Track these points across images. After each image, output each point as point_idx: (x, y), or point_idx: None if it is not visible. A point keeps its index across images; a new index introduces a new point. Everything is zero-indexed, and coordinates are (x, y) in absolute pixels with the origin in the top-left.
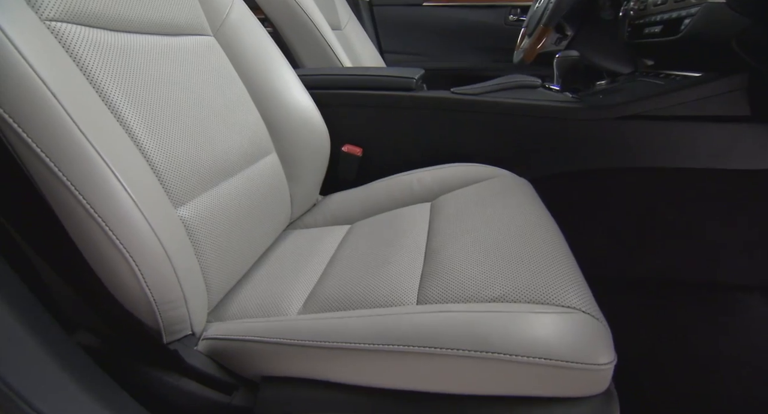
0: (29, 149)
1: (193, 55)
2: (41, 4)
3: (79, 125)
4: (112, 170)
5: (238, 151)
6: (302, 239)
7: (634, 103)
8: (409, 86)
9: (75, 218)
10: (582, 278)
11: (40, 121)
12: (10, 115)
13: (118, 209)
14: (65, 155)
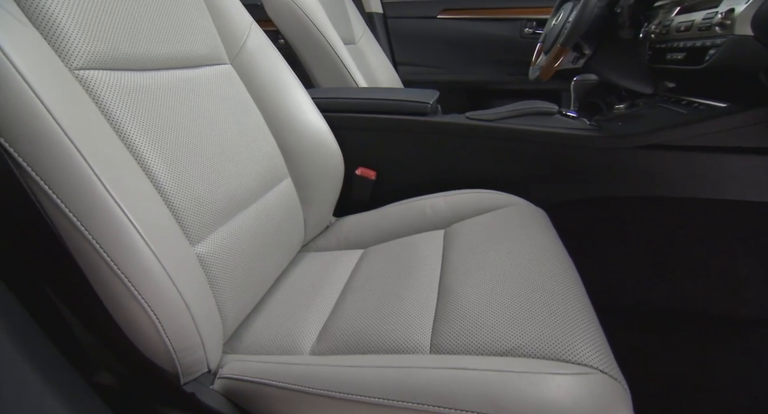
0: (55, 206)
1: (212, 85)
2: (71, 54)
3: (104, 181)
4: (136, 227)
5: (254, 181)
6: (315, 264)
7: (655, 133)
8: (423, 111)
9: (98, 272)
10: (600, 330)
11: (66, 178)
12: (36, 171)
13: (140, 265)
14: (90, 212)
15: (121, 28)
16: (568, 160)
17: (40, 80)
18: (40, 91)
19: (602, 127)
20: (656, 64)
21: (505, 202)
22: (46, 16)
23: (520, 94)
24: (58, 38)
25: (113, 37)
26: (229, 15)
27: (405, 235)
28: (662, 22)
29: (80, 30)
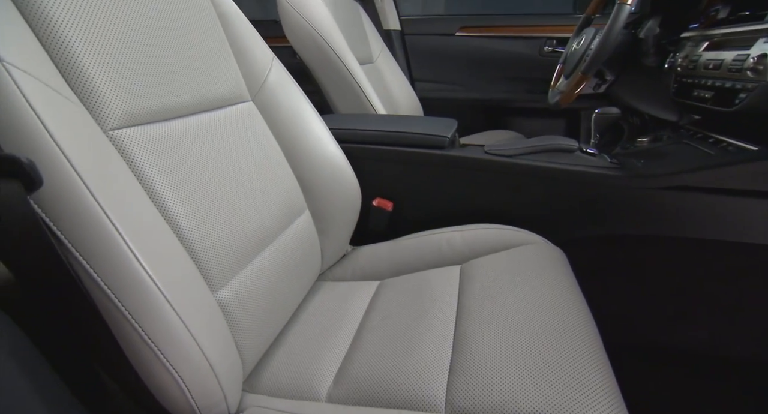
0: (92, 279)
1: (235, 125)
2: (107, 116)
3: (139, 257)
4: (166, 298)
5: (274, 218)
6: (332, 296)
7: (681, 175)
8: (441, 144)
9: (127, 338)
10: (616, 390)
11: (104, 254)
12: (76, 248)
13: (169, 334)
14: (124, 286)
15: (152, 81)
16: (588, 198)
17: (80, 156)
18: (81, 168)
19: (624, 165)
20: (682, 99)
21: (522, 240)
22: (85, 82)
23: (539, 113)
24: (96, 102)
25: (145, 92)
26: (251, 52)
27: (420, 270)
28: (689, 56)
29: (115, 90)
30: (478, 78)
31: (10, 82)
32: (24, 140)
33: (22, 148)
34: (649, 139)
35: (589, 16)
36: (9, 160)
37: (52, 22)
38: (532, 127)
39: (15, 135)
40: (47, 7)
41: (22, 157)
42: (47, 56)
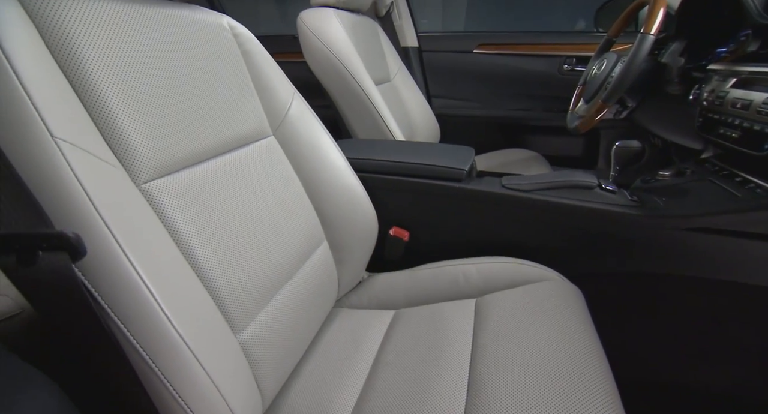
0: (127, 340)
1: (257, 162)
2: (139, 171)
3: (172, 320)
4: (196, 356)
5: (293, 253)
6: (348, 325)
7: (705, 217)
8: (459, 177)
9: (159, 395)
10: None
11: (140, 317)
12: (114, 312)
13: (198, 390)
14: (157, 347)
15: (182, 130)
16: (607, 235)
17: (120, 222)
18: (121, 235)
19: (645, 204)
20: (707, 134)
21: (538, 276)
22: (122, 141)
23: (557, 131)
24: (131, 159)
25: (175, 141)
26: (273, 88)
27: (436, 301)
28: (716, 91)
29: (148, 145)
30: (495, 95)
31: (60, 158)
32: (72, 214)
33: (70, 220)
34: (671, 173)
35: (611, 38)
36: (59, 237)
37: (97, 89)
38: (550, 145)
39: (64, 209)
40: (93, 75)
41: (70, 233)
42: (91, 122)
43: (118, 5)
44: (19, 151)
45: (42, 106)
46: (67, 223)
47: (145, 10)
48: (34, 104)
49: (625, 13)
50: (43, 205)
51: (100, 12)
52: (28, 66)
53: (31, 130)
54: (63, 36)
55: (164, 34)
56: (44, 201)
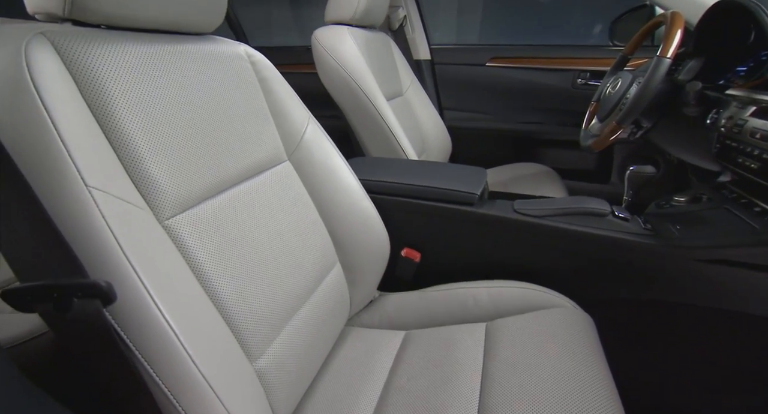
0: (153, 381)
1: (273, 189)
2: (163, 208)
3: (196, 361)
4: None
5: (307, 278)
6: (359, 346)
7: (721, 250)
8: (471, 201)
9: None
10: None
11: (165, 359)
12: (142, 354)
13: None
14: (181, 387)
15: (202, 164)
16: (619, 263)
17: (147, 266)
18: (148, 279)
19: (659, 232)
20: (725, 161)
21: (549, 303)
22: (149, 181)
23: (569, 145)
24: (156, 197)
25: (196, 176)
26: (289, 113)
27: (446, 324)
28: (734, 118)
29: (172, 182)
30: (507, 108)
31: (94, 207)
32: (103, 261)
33: (102, 267)
34: (686, 198)
35: (626, 55)
36: (93, 286)
37: (125, 132)
38: (563, 159)
39: (96, 256)
40: (122, 119)
41: (102, 282)
42: (120, 165)
43: (143, 47)
44: (56, 202)
45: (77, 157)
46: (99, 270)
47: (168, 48)
48: (70, 155)
49: (641, 32)
50: (78, 253)
51: (127, 56)
52: (66, 118)
53: (67, 181)
54: (95, 83)
55: (186, 70)
56: (78, 248)
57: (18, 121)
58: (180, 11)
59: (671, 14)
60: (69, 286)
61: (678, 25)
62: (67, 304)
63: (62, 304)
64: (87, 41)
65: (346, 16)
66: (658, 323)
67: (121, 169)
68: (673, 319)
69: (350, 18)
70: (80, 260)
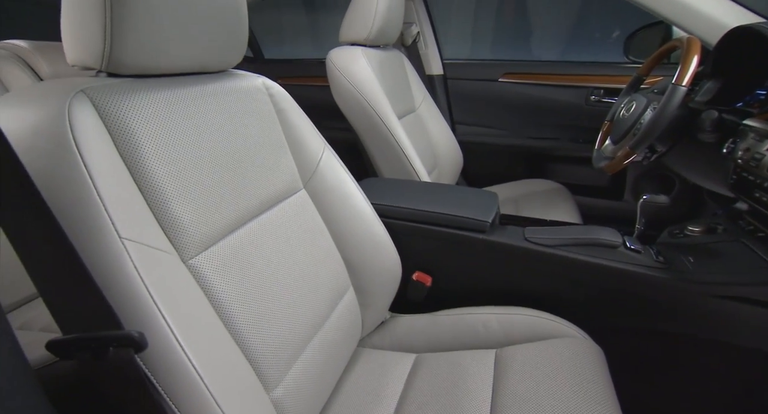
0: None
1: (290, 219)
2: (187, 248)
3: (216, 396)
4: None
5: (322, 305)
6: (370, 368)
7: (735, 287)
8: (482, 229)
9: None
10: None
11: (193, 405)
12: (171, 398)
13: None
14: None
15: (221, 201)
16: (630, 294)
17: (175, 312)
18: (176, 326)
19: (671, 265)
20: (741, 194)
21: (558, 332)
22: (176, 225)
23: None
24: (182, 239)
25: (216, 214)
26: (305, 143)
27: (456, 349)
28: (752, 151)
29: (196, 223)
30: (519, 124)
31: (126, 258)
32: (135, 310)
33: (133, 315)
34: (701, 229)
35: (640, 76)
36: (127, 337)
37: (154, 178)
38: (575, 175)
39: (129, 305)
40: (151, 165)
41: (135, 333)
42: (150, 212)
43: (170, 92)
44: (92, 254)
45: (112, 210)
46: (132, 318)
47: (192, 90)
48: (105, 208)
49: (656, 54)
50: (112, 303)
51: (156, 103)
52: (102, 172)
53: (102, 234)
54: (128, 134)
55: (209, 110)
56: (113, 298)
57: (59, 176)
58: (204, 54)
59: (687, 40)
60: (105, 337)
61: (694, 51)
62: (103, 353)
63: (99, 353)
64: (120, 93)
65: (361, 36)
66: (669, 355)
67: (150, 215)
68: (684, 352)
69: (364, 39)
70: (115, 311)
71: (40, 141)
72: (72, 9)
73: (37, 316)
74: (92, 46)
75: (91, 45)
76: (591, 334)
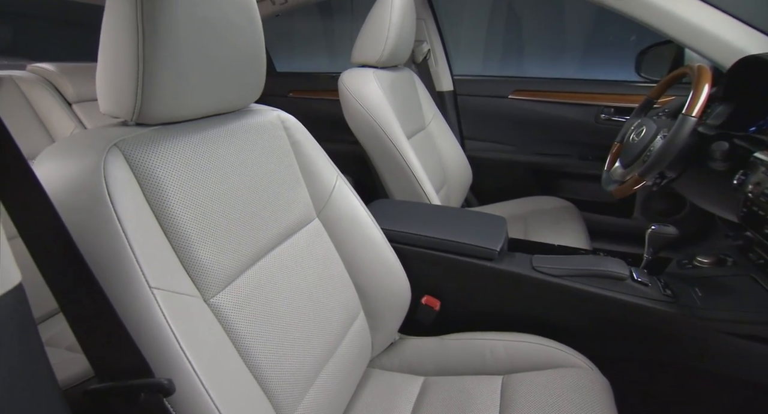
0: None
1: (304, 249)
2: (209, 288)
3: None
4: None
5: (334, 332)
6: (380, 390)
7: (743, 325)
8: (490, 257)
9: None
10: None
11: None
12: None
13: None
14: None
15: (240, 238)
16: (637, 326)
17: (200, 356)
18: (201, 371)
19: (679, 298)
20: (751, 228)
21: (565, 361)
22: (200, 269)
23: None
24: (205, 281)
25: (235, 252)
26: (319, 173)
27: (463, 373)
28: (762, 186)
29: (215, 262)
30: (529, 140)
31: (156, 307)
32: (164, 357)
33: (162, 362)
34: (710, 261)
35: (651, 99)
36: (157, 384)
37: (179, 225)
38: (584, 192)
39: (158, 353)
40: (176, 212)
41: (165, 381)
42: (176, 258)
43: (193, 136)
44: (123, 303)
45: (142, 260)
46: (161, 364)
47: (213, 132)
48: (137, 259)
49: (667, 79)
50: (142, 350)
51: (180, 149)
52: (134, 224)
53: (134, 285)
54: (155, 183)
55: (228, 150)
56: (143, 346)
57: (94, 229)
58: (226, 96)
59: (698, 69)
60: (138, 385)
61: (705, 81)
62: (135, 399)
63: (131, 399)
64: (148, 143)
65: (372, 59)
66: (677, 388)
67: (175, 260)
68: (692, 386)
69: (376, 61)
70: (146, 359)
71: (78, 197)
72: (108, 65)
73: (61, 332)
74: (125, 101)
75: (124, 100)
76: (597, 364)
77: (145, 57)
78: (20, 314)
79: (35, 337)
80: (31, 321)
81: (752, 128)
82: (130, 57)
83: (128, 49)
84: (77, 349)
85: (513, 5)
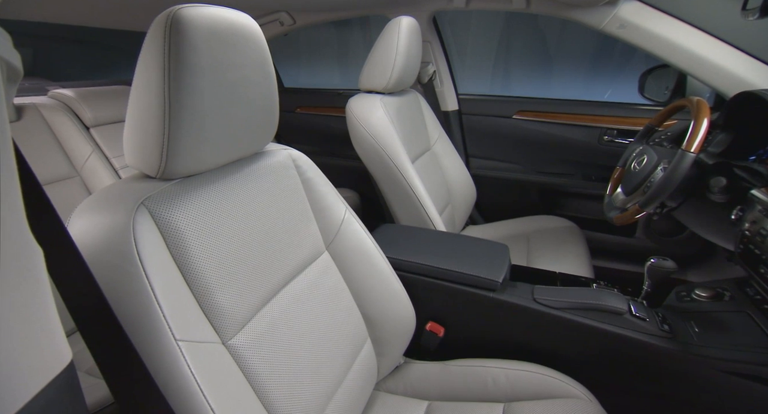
0: None
1: (314, 282)
2: (227, 330)
3: None
4: None
5: (342, 363)
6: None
7: (738, 364)
8: (493, 288)
9: None
10: None
11: None
12: None
13: None
14: None
15: (255, 280)
16: (635, 359)
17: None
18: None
19: (676, 334)
20: (747, 266)
21: (565, 392)
22: (220, 315)
23: (593, 198)
24: (222, 324)
25: (250, 294)
26: (328, 208)
27: (465, 399)
28: (758, 224)
29: (232, 305)
30: (533, 160)
31: (181, 359)
32: (189, 407)
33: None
34: (708, 294)
35: (653, 126)
36: None
37: (201, 274)
38: (587, 211)
39: (183, 404)
40: (198, 262)
41: None
42: (199, 308)
43: (212, 186)
44: (151, 356)
45: (169, 315)
46: None
47: (230, 179)
48: (164, 315)
49: (668, 108)
50: (169, 400)
51: (201, 200)
52: (161, 281)
53: (161, 339)
54: (178, 237)
55: (244, 194)
56: (170, 396)
57: (123, 286)
58: (242, 144)
59: (697, 103)
60: None
61: (704, 116)
62: None
63: None
64: (171, 197)
65: (379, 86)
66: None
67: (197, 309)
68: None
69: (383, 88)
70: (173, 409)
71: (110, 255)
72: (135, 125)
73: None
74: (151, 159)
75: (150, 158)
76: (597, 395)
77: (171, 120)
78: (71, 393)
79: (83, 408)
80: (80, 395)
81: (752, 157)
82: (157, 120)
83: (155, 112)
84: (96, 373)
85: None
